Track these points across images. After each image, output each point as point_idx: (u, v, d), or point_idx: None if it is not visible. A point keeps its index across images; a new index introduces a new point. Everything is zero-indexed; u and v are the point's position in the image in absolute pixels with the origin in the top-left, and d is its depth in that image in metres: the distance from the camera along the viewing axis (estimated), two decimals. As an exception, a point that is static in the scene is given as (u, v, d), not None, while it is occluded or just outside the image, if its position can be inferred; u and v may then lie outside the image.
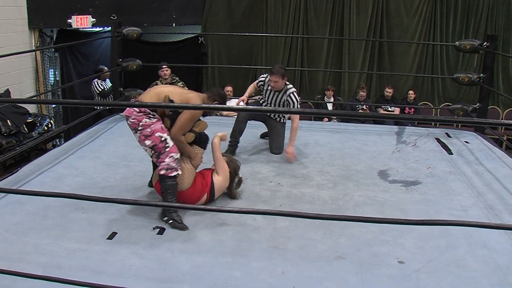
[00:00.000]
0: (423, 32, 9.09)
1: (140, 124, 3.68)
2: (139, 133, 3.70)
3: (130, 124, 3.75)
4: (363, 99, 8.86)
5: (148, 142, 3.68)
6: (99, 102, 9.09)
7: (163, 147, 3.68)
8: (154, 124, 3.70)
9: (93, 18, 9.20)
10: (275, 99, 5.37)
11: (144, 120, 3.68)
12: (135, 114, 3.69)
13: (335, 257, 3.28)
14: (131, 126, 3.75)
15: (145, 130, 3.68)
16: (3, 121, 7.39)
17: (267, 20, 9.26)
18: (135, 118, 3.69)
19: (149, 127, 3.68)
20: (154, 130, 3.68)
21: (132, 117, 3.70)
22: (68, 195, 2.85)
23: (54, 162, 4.91)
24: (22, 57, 8.82)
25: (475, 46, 6.28)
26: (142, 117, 3.69)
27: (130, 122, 3.73)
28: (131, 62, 6.81)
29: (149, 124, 3.68)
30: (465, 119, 4.90)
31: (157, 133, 3.68)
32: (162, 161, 3.68)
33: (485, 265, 3.22)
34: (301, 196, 4.29)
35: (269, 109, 5.27)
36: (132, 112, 3.71)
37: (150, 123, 3.69)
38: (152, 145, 3.68)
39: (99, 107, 7.40)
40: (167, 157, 3.68)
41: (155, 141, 3.67)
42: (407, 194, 4.39)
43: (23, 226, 3.57)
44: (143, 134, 3.69)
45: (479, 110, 6.38)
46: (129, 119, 3.73)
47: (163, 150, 3.68)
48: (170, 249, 3.31)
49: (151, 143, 3.67)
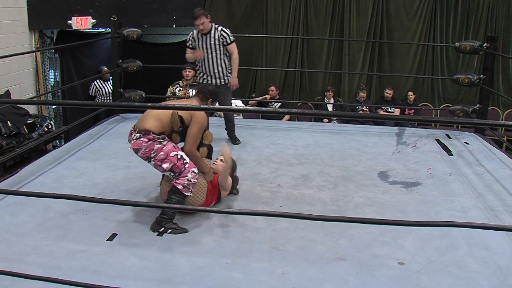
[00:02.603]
0: (423, 33, 9.08)
1: (152, 152, 3.60)
2: (153, 160, 3.61)
3: (142, 156, 3.64)
4: (363, 100, 8.86)
5: (166, 165, 3.58)
6: (99, 103, 9.11)
7: (181, 164, 3.60)
8: (166, 146, 3.62)
9: (93, 19, 9.19)
10: (209, 42, 5.42)
11: (156, 146, 3.60)
12: (145, 145, 3.59)
13: (335, 258, 3.28)
14: (143, 157, 3.64)
15: (159, 155, 3.58)
16: (3, 122, 7.39)
17: (267, 21, 9.26)
18: (147, 148, 3.59)
19: (162, 150, 3.59)
20: (168, 151, 3.60)
21: (143, 149, 3.60)
22: (68, 196, 2.85)
23: (54, 163, 4.92)
24: (22, 58, 8.81)
25: (475, 47, 6.28)
26: (153, 144, 3.60)
27: (141, 154, 3.63)
28: (131, 63, 6.81)
29: (161, 148, 3.60)
30: (465, 120, 4.92)
31: (172, 153, 3.60)
32: (185, 176, 3.60)
33: (485, 266, 3.22)
34: (301, 197, 4.29)
35: (271, 110, 5.26)
36: (141, 144, 3.60)
37: (161, 146, 3.61)
38: (171, 166, 3.58)
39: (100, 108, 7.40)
40: (189, 172, 3.61)
41: (173, 161, 3.58)
42: (407, 195, 4.39)
43: (23, 227, 3.57)
44: (158, 160, 3.59)
45: (479, 111, 6.38)
46: (139, 152, 3.62)
47: (183, 167, 3.60)
48: (170, 250, 3.31)
49: (169, 165, 3.58)
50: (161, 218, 3.59)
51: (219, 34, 5.41)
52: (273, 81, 9.12)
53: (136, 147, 3.63)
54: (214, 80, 5.54)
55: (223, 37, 5.43)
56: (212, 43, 5.43)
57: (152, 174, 4.65)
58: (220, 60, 5.49)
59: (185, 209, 3.73)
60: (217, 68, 5.51)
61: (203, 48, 5.45)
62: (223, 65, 5.53)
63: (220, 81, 5.56)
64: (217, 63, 5.50)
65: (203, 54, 5.45)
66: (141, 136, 3.61)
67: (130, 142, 3.69)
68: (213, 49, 5.44)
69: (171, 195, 3.63)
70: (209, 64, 5.49)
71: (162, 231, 3.56)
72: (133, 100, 6.82)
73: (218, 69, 5.52)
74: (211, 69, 5.51)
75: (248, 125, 6.63)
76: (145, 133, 3.61)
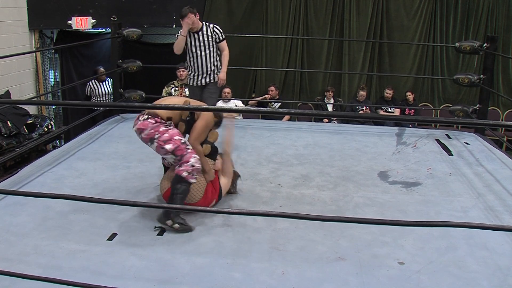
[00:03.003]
0: (423, 33, 9.09)
1: (157, 133, 3.61)
2: (156, 141, 3.61)
3: (146, 137, 3.64)
4: (363, 99, 8.86)
5: (169, 146, 3.58)
6: (99, 103, 9.11)
7: (184, 148, 3.61)
8: (171, 129, 3.65)
9: (93, 19, 9.20)
10: (201, 39, 5.37)
11: (161, 128, 3.62)
12: (151, 126, 3.61)
13: (335, 258, 3.27)
14: (147, 138, 3.64)
15: (163, 135, 3.60)
16: (3, 122, 7.39)
17: (267, 21, 9.27)
18: (152, 129, 3.61)
19: (166, 132, 3.61)
20: (173, 134, 3.62)
21: (149, 129, 3.61)
22: (68, 196, 2.85)
23: (54, 163, 4.92)
24: (22, 58, 8.82)
25: (475, 47, 6.28)
26: (159, 126, 3.62)
27: (145, 135, 3.63)
28: (131, 63, 6.81)
29: (166, 130, 3.63)
30: (465, 120, 4.93)
31: (176, 136, 3.63)
32: (187, 161, 3.59)
33: (485, 266, 3.22)
34: (301, 197, 4.29)
35: (271, 110, 5.27)
36: (147, 125, 3.62)
37: (167, 129, 3.64)
38: (174, 148, 3.58)
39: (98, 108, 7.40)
40: (192, 157, 3.61)
41: (176, 143, 3.59)
42: (407, 195, 4.39)
43: (23, 227, 3.57)
44: (161, 140, 3.59)
45: (479, 111, 6.38)
46: (144, 132, 3.63)
47: (186, 151, 3.61)
48: (170, 250, 3.31)
49: (172, 146, 3.58)
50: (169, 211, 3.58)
51: (211, 31, 5.38)
52: (273, 81, 9.12)
53: (141, 127, 3.64)
54: (203, 79, 5.48)
55: (216, 34, 5.42)
56: (205, 40, 5.37)
57: (152, 174, 4.66)
58: (212, 58, 5.45)
59: (185, 209, 3.73)
60: (209, 66, 5.45)
61: (194, 46, 5.37)
62: (215, 63, 5.50)
63: (210, 79, 5.51)
64: (210, 61, 5.44)
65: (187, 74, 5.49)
66: (149, 117, 3.64)
67: (134, 125, 3.73)
68: (206, 46, 5.39)
69: (176, 185, 3.61)
70: (201, 61, 5.41)
71: (170, 224, 3.53)
72: (133, 100, 6.82)
73: (211, 67, 5.46)
74: (203, 67, 5.43)
75: (248, 125, 6.63)
76: (154, 115, 3.65)
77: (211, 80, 5.52)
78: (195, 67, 5.46)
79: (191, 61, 5.46)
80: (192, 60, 5.46)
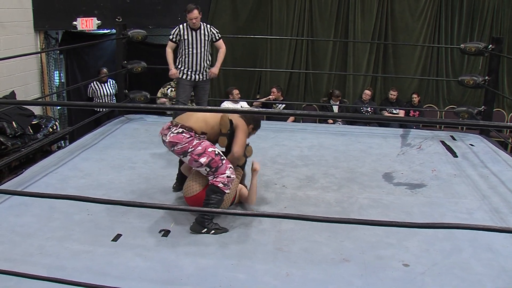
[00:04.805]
0: (428, 34, 9.06)
1: (190, 147, 3.61)
2: (190, 155, 3.62)
3: (179, 150, 3.65)
4: (368, 99, 8.83)
5: (203, 159, 3.59)
6: (104, 104, 9.13)
7: (219, 159, 3.61)
8: (204, 142, 3.67)
9: (98, 20, 9.21)
10: (199, 37, 5.57)
11: (195, 142, 3.64)
12: (185, 140, 3.62)
13: (340, 259, 3.27)
14: (180, 151, 3.66)
15: (197, 149, 3.61)
16: (8, 123, 7.41)
17: (272, 22, 9.26)
18: (186, 143, 3.62)
19: (200, 145, 3.62)
20: (206, 147, 3.63)
21: (182, 143, 3.62)
22: (73, 197, 2.85)
23: (59, 164, 4.93)
24: (28, 59, 8.84)
25: (480, 49, 6.27)
26: (192, 140, 3.64)
27: (178, 148, 3.64)
28: (136, 64, 6.83)
29: (200, 143, 3.64)
30: (470, 121, 4.92)
31: (209, 148, 3.63)
32: (222, 173, 3.60)
33: (490, 268, 3.21)
34: (306, 198, 4.29)
35: (275, 111, 5.28)
36: (182, 139, 3.63)
37: (200, 142, 3.65)
38: (209, 161, 3.58)
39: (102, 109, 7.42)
40: (227, 168, 3.62)
41: (211, 155, 3.60)
42: (412, 196, 4.38)
43: (28, 227, 3.58)
44: (195, 154, 3.60)
45: (484, 113, 6.36)
46: (177, 146, 3.63)
47: (221, 162, 3.61)
48: (174, 251, 3.32)
49: (206, 160, 3.59)
50: (203, 219, 3.58)
51: (209, 31, 5.62)
52: (278, 83, 9.11)
53: (174, 140, 3.65)
54: (197, 76, 5.66)
55: (213, 34, 5.66)
56: (202, 39, 5.58)
57: (157, 175, 4.67)
58: (206, 56, 5.67)
59: (187, 210, 3.73)
60: (203, 63, 5.65)
61: (192, 42, 5.56)
62: (208, 61, 5.72)
63: (202, 77, 5.70)
64: (204, 58, 5.65)
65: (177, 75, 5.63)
66: (184, 131, 3.66)
67: (165, 135, 3.74)
68: (202, 44, 5.60)
69: (211, 195, 3.60)
70: (197, 58, 5.60)
71: (206, 232, 3.56)
72: (137, 101, 6.83)
73: (204, 64, 5.66)
74: (198, 63, 5.62)
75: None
76: (188, 129, 3.68)
77: (204, 78, 5.72)
78: (190, 63, 5.62)
79: (187, 57, 5.61)
80: (187, 56, 5.61)
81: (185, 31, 5.56)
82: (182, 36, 5.57)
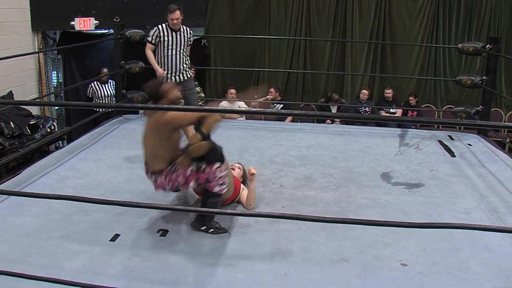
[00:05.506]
0: (425, 34, 9.08)
1: (175, 182, 3.51)
2: (181, 187, 3.57)
3: (171, 189, 3.60)
4: (365, 98, 8.84)
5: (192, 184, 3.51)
6: (101, 104, 9.12)
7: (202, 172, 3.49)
8: (179, 170, 3.50)
9: (96, 20, 9.22)
10: (179, 39, 5.63)
11: (173, 176, 3.50)
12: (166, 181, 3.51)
13: (338, 259, 3.27)
14: (172, 189, 3.61)
15: (179, 181, 3.50)
16: (6, 123, 7.41)
17: (270, 22, 9.27)
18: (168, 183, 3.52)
19: (179, 177, 3.50)
20: (183, 173, 3.49)
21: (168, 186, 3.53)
22: (70, 197, 2.85)
23: (57, 164, 4.92)
24: (25, 59, 8.84)
25: (478, 49, 6.27)
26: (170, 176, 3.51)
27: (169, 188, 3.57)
28: (134, 64, 6.82)
29: (177, 174, 3.49)
30: (468, 121, 4.93)
31: (187, 171, 3.48)
32: (213, 178, 3.50)
33: (488, 268, 3.22)
34: (304, 198, 4.29)
35: (273, 111, 5.28)
36: (163, 184, 3.53)
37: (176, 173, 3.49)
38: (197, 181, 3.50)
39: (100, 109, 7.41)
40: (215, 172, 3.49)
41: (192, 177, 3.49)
42: (410, 196, 4.39)
43: (26, 228, 3.58)
44: (181, 185, 3.53)
45: (482, 113, 6.37)
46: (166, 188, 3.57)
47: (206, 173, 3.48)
48: (173, 251, 3.32)
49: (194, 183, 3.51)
50: (203, 216, 3.57)
51: (188, 33, 5.70)
52: (276, 83, 9.12)
53: (161, 187, 3.58)
54: (177, 77, 5.67)
55: (191, 37, 5.75)
56: (182, 40, 5.63)
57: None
58: (185, 57, 5.72)
59: (186, 210, 3.73)
60: (183, 64, 5.70)
61: (172, 43, 5.59)
62: (187, 62, 5.77)
63: (184, 77, 5.74)
64: (184, 60, 5.69)
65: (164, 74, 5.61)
66: (157, 177, 3.55)
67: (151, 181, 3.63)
68: (182, 46, 5.65)
69: (208, 199, 3.56)
70: (177, 59, 5.63)
71: (205, 230, 3.55)
72: (135, 101, 6.82)
73: (184, 66, 5.70)
74: (178, 64, 5.65)
75: (250, 126, 6.63)
76: (159, 173, 3.53)
77: (186, 77, 5.77)
78: (170, 65, 5.64)
79: (166, 58, 5.62)
80: (166, 57, 5.63)
81: (165, 32, 5.56)
82: (162, 38, 5.56)
